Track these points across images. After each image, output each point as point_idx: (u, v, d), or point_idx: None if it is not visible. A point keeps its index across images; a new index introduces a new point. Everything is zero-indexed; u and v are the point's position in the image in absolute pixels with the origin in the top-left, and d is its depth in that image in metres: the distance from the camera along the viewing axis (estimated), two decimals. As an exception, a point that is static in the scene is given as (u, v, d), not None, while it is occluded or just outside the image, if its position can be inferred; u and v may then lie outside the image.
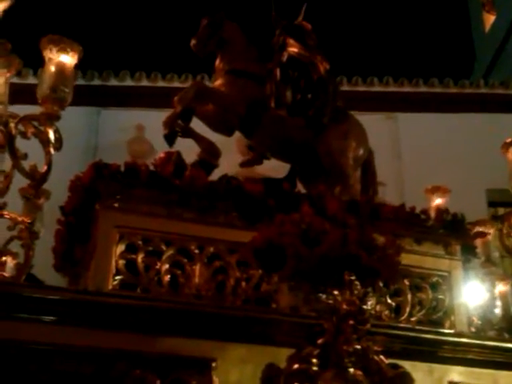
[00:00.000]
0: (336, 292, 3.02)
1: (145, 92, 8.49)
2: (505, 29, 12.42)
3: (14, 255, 3.70)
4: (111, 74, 8.61)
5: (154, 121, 5.39)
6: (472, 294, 4.59)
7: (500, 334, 4.24)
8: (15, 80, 8.56)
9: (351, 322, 2.97)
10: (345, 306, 2.99)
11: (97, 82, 8.54)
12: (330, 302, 3.02)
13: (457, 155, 8.60)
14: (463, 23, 15.07)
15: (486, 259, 5.05)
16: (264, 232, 3.36)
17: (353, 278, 3.04)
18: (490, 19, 12.69)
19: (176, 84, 8.14)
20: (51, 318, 2.88)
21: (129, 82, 8.63)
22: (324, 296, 3.16)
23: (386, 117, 8.89)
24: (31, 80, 7.57)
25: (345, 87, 8.10)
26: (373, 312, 3.25)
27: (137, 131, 7.71)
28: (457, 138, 8.85)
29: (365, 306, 3.05)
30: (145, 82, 8.69)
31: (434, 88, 9.47)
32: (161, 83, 8.60)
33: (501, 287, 4.96)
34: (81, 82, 8.08)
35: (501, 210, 8.17)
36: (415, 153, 8.66)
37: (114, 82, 8.61)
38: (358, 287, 3.04)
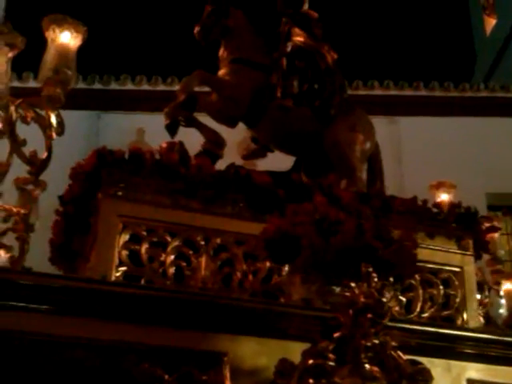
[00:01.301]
0: (353, 284, 2.87)
1: (145, 96, 8.45)
2: (506, 32, 12.40)
3: (8, 248, 3.52)
4: (112, 77, 8.57)
5: (154, 125, 5.29)
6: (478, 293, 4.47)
7: (505, 334, 4.12)
8: (16, 84, 8.50)
9: (369, 315, 2.83)
10: (362, 299, 2.84)
11: (97, 85, 8.55)
12: (347, 294, 2.88)
13: (457, 159, 8.57)
14: (464, 26, 15.07)
15: (493, 257, 4.97)
16: (276, 222, 3.23)
17: (370, 269, 2.90)
18: (490, 23, 12.64)
19: (177, 87, 8.06)
20: (53, 307, 2.72)
21: (129, 86, 8.65)
22: (338, 288, 3.03)
23: (387, 121, 8.83)
24: (32, 84, 7.48)
25: (345, 91, 8.02)
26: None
27: (137, 135, 7.67)
28: (457, 142, 8.83)
29: (383, 299, 2.90)
30: (145, 86, 8.69)
31: (434, 91, 9.44)
32: (161, 87, 8.59)
33: (507, 286, 4.85)
34: (81, 85, 8.06)
35: (500, 214, 8.12)
36: (416, 156, 8.61)
37: (114, 86, 8.62)
38: (376, 279, 2.91)
